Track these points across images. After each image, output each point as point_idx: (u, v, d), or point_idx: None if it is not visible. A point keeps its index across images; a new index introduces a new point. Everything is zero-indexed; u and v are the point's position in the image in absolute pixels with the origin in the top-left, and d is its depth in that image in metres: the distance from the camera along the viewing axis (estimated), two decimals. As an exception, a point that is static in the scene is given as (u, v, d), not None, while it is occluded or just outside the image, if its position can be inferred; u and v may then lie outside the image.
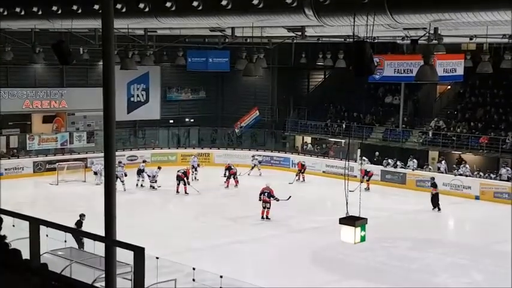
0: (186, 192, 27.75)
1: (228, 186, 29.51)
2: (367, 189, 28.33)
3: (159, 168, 29.27)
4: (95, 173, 29.06)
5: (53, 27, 19.77)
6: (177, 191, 27.81)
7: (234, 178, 29.71)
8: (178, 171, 28.24)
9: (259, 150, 35.82)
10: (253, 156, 33.46)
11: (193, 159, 31.71)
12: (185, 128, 38.83)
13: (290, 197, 24.10)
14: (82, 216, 18.72)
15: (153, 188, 28.51)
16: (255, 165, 32.69)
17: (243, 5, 12.84)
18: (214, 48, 27.97)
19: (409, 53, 27.35)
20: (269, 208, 23.37)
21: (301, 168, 31.65)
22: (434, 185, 26.21)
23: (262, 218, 23.46)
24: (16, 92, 32.87)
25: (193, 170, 30.65)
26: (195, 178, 30.19)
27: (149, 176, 28.58)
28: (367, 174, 29.38)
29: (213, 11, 13.75)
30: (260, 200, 23.47)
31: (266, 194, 23.42)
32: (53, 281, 5.57)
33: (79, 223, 18.42)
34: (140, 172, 29.09)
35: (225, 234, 21.83)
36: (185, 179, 27.85)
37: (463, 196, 28.22)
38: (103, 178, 20.89)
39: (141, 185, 28.86)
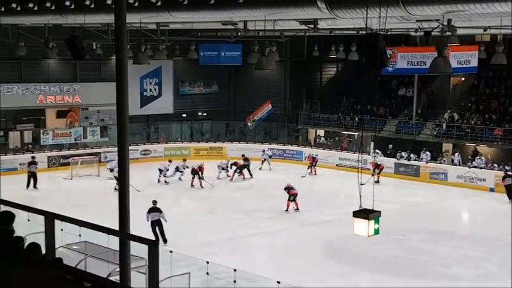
0: (201, 186, 27.82)
1: (233, 178, 29.76)
2: (377, 182, 28.24)
3: (170, 161, 29.35)
4: (111, 170, 29.13)
5: (66, 22, 19.86)
6: (192, 185, 27.88)
7: (241, 171, 29.95)
8: (192, 165, 28.36)
9: (272, 144, 35.82)
10: (263, 150, 33.43)
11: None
12: (198, 121, 38.89)
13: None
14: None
15: (166, 182, 28.57)
16: (265, 159, 32.65)
17: (255, -2, 12.85)
18: (226, 42, 27.94)
19: (422, 45, 27.15)
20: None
21: (312, 162, 31.56)
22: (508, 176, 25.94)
23: (287, 210, 23.56)
24: (30, 87, 33.04)
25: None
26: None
27: (161, 171, 28.65)
28: (378, 167, 29.26)
29: (225, 4, 13.76)
30: (289, 194, 23.60)
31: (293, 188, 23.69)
32: (67, 275, 5.61)
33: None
34: (161, 171, 29.02)
35: (239, 227, 21.87)
36: (200, 173, 27.91)
37: (478, 188, 28.06)
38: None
39: (165, 181, 28.84)
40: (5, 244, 6.20)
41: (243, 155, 31.12)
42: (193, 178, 27.96)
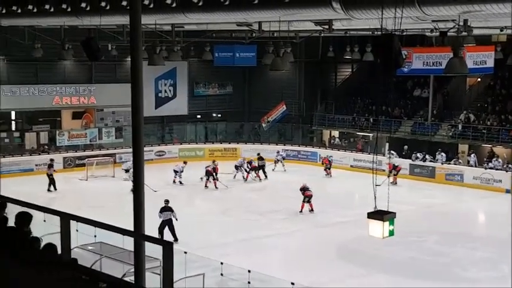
0: (215, 187, 27.85)
1: (247, 179, 29.79)
2: (394, 183, 28.12)
3: (185, 163, 29.42)
4: (126, 171, 29.23)
5: (82, 24, 19.96)
6: (206, 186, 27.91)
7: (256, 172, 29.93)
8: (207, 166, 28.35)
9: (287, 145, 35.81)
10: (278, 151, 33.38)
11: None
12: (212, 123, 38.95)
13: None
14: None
15: (180, 183, 28.63)
16: (278, 160, 32.60)
17: (270, -1, 12.84)
18: (241, 43, 27.96)
19: (438, 45, 27.00)
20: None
21: (328, 164, 31.43)
22: None
23: (301, 212, 23.54)
24: (46, 88, 33.27)
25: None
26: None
27: (176, 172, 28.71)
28: (395, 168, 29.12)
29: (240, 5, 13.76)
30: (304, 195, 23.57)
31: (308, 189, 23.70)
32: (83, 275, 5.63)
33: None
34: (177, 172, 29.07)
35: (253, 228, 21.86)
36: (214, 174, 27.94)
37: (494, 190, 27.84)
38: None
39: (180, 182, 28.82)
40: (22, 245, 6.24)
41: (258, 154, 31.20)
42: (207, 179, 27.98)
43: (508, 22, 17.79)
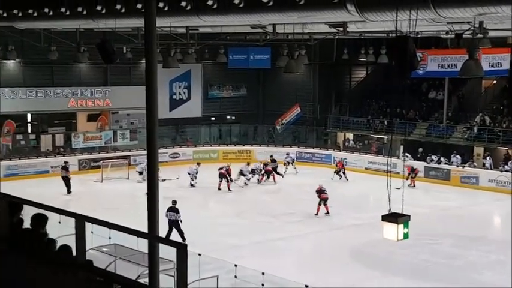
0: (229, 189, 27.88)
1: (261, 181, 29.85)
2: (413, 186, 28.00)
3: (199, 164, 29.48)
4: (140, 173, 29.35)
5: (97, 26, 20.10)
6: (219, 188, 27.95)
7: (272, 174, 29.98)
8: (220, 168, 28.38)
9: (301, 147, 35.78)
10: (287, 153, 33.27)
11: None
12: (226, 125, 39.00)
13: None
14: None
15: (192, 185, 28.66)
16: (288, 162, 32.54)
17: (285, 1, 12.84)
18: (255, 45, 27.98)
19: (453, 48, 26.84)
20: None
21: (342, 167, 31.17)
22: None
23: (316, 215, 23.53)
24: (61, 91, 33.48)
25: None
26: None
27: (189, 174, 28.76)
28: (413, 171, 28.98)
29: (254, 8, 13.77)
30: (319, 198, 23.54)
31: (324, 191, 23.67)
32: (97, 277, 5.66)
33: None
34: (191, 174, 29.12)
35: (267, 231, 21.86)
36: (227, 176, 27.97)
37: (510, 193, 27.60)
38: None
39: (191, 184, 28.77)
40: (39, 246, 6.29)
41: (271, 156, 31.21)
42: (220, 181, 28.02)
43: (524, 24, 17.67)
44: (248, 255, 18.53)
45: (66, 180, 27.23)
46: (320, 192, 23.68)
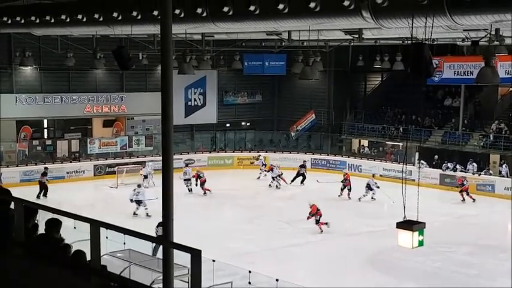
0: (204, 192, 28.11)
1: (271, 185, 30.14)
2: (463, 200, 27.34)
3: (187, 165, 30.05)
4: (145, 177, 29.45)
5: (113, 33, 20.22)
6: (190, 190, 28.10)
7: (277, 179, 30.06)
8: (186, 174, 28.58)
9: (315, 154, 35.73)
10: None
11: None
12: (241, 131, 39.05)
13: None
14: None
15: (190, 191, 28.57)
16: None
17: (300, 8, 12.83)
18: (270, 52, 28.04)
19: (469, 55, 26.78)
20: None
21: (349, 184, 28.35)
22: None
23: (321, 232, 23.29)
24: (78, 97, 33.70)
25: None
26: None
27: (185, 180, 28.46)
28: (462, 185, 27.70)
29: (269, 14, 13.78)
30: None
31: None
32: (112, 282, 5.68)
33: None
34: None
35: (281, 237, 21.83)
36: (198, 180, 28.34)
37: (526, 201, 27.38)
38: (152, 181, 21.15)
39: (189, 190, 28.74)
40: (54, 251, 6.32)
41: (304, 161, 31.78)
42: (190, 184, 28.25)
43: (541, 31, 17.56)
44: (262, 261, 18.51)
45: (42, 186, 27.18)
46: (316, 212, 22.96)
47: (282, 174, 30.34)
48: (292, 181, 30.71)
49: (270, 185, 30.23)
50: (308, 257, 20.05)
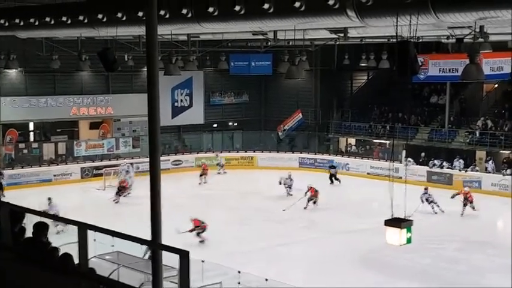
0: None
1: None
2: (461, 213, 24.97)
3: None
4: (127, 172, 29.54)
5: (99, 35, 20.12)
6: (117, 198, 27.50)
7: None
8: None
9: (303, 153, 35.80)
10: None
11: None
12: (229, 131, 39.03)
13: None
14: None
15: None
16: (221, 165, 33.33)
17: (285, 8, 12.84)
18: (256, 52, 28.04)
19: (454, 52, 26.91)
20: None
21: (314, 195, 26.09)
22: None
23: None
24: (63, 99, 33.53)
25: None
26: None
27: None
28: (466, 198, 25.02)
29: (255, 14, 13.78)
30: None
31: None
32: (101, 285, 5.67)
33: None
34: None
35: (270, 237, 21.84)
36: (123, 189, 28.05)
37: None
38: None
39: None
40: (42, 255, 6.29)
41: (332, 162, 31.83)
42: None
43: (524, 28, 17.68)
44: (251, 262, 18.51)
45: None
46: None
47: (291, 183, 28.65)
48: (333, 181, 31.01)
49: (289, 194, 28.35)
50: (298, 256, 20.08)
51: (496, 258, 19.71)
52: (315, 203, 25.43)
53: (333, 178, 31.22)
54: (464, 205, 24.04)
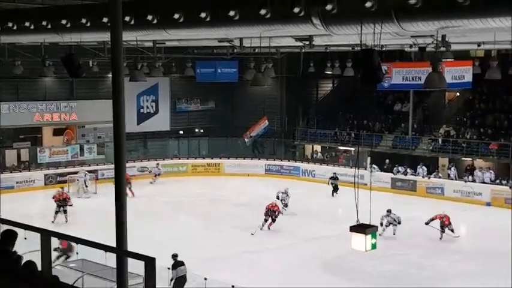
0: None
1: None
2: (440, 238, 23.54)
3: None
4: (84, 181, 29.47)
5: (63, 40, 19.90)
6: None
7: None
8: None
9: (269, 160, 35.90)
10: (157, 164, 33.97)
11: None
12: (195, 138, 38.93)
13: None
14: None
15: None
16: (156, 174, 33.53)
17: (251, 15, 12.88)
18: (222, 59, 28.05)
19: (417, 61, 27.27)
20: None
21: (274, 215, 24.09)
22: None
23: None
24: (26, 105, 33.08)
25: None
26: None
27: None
28: (443, 224, 23.20)
29: (221, 22, 13.79)
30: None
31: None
32: (65, 293, 5.61)
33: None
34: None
35: (237, 244, 21.83)
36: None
37: (474, 203, 28.09)
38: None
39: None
40: (6, 263, 6.20)
41: (334, 173, 30.89)
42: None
43: (485, 37, 18.08)
44: (218, 269, 18.46)
45: None
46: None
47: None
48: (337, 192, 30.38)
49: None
50: (264, 263, 20.10)
51: (458, 263, 20.02)
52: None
53: (336, 189, 30.41)
54: (442, 231, 23.58)
